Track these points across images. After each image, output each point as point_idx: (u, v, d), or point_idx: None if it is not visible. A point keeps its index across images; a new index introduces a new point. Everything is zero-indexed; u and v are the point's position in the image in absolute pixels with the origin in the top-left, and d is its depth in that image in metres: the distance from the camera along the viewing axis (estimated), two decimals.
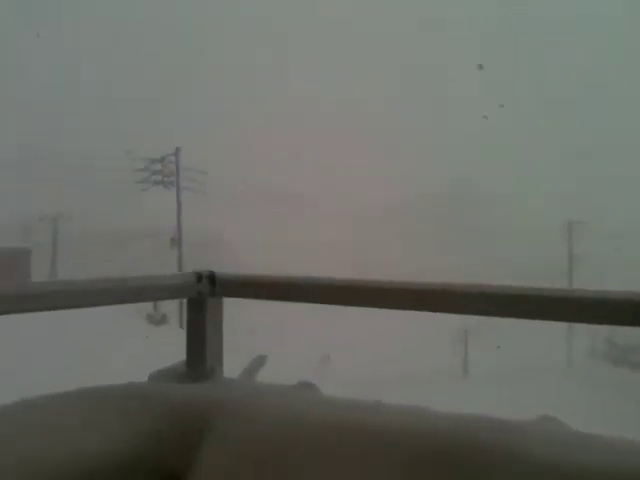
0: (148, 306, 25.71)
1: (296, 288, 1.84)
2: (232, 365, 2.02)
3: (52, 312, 1.63)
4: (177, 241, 31.71)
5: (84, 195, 38.80)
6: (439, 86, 62.79)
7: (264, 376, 2.10)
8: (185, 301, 1.92)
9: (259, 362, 2.07)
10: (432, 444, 1.40)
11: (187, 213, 32.22)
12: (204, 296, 1.89)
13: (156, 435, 1.60)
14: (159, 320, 27.08)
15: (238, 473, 1.49)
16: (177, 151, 33.47)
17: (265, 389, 1.81)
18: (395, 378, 15.97)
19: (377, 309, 1.80)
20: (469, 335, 21.69)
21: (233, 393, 1.75)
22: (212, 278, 1.90)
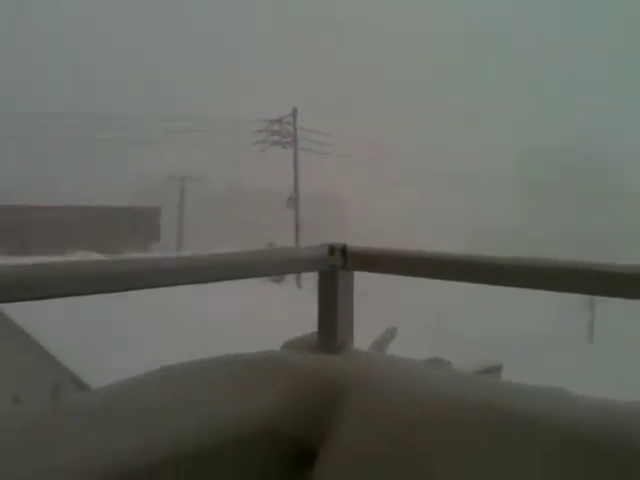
0: None
1: (430, 264, 1.80)
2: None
3: None
4: (294, 201, 32.30)
5: (208, 157, 40.27)
6: None
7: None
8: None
9: (390, 334, 2.06)
10: (580, 431, 1.34)
11: (305, 173, 32.65)
12: (336, 269, 1.89)
13: (290, 405, 1.64)
14: (278, 278, 27.79)
15: (372, 449, 1.50)
16: (294, 112, 33.87)
17: (397, 363, 1.80)
18: (519, 343, 15.57)
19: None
20: (595, 301, 20.72)
21: (366, 366, 1.75)
22: (344, 251, 1.90)
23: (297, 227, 31.37)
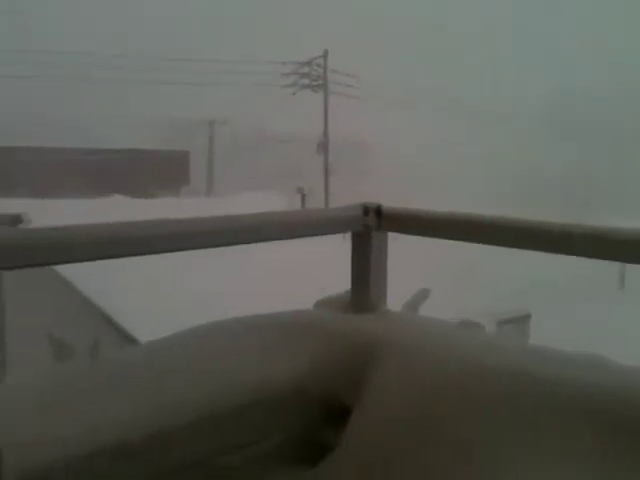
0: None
1: (466, 227, 1.76)
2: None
3: None
4: (323, 146, 32.00)
5: (237, 100, 39.88)
6: None
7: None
8: None
9: (422, 295, 2.06)
10: (618, 400, 1.33)
11: (335, 117, 32.19)
12: (370, 230, 1.88)
13: (322, 365, 1.66)
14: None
15: (402, 410, 1.52)
16: (325, 54, 33.16)
17: (430, 325, 1.81)
18: (553, 291, 15.49)
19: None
20: None
21: (398, 327, 1.76)
22: (378, 212, 1.88)
23: (326, 172, 31.18)
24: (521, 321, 10.27)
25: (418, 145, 41.50)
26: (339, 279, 2.06)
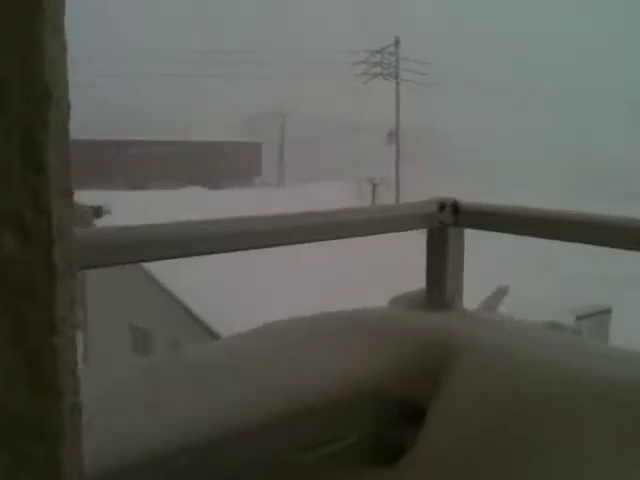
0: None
1: (546, 223, 1.70)
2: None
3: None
4: (395, 135, 31.68)
5: (309, 90, 40.07)
6: None
7: None
8: None
9: (500, 293, 2.00)
10: None
11: (408, 106, 31.79)
12: (446, 226, 1.83)
13: (399, 365, 1.63)
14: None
15: (483, 410, 1.48)
16: (396, 41, 32.75)
17: (510, 325, 1.75)
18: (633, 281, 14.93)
19: None
20: None
21: (476, 327, 1.71)
22: (455, 207, 1.83)
23: (398, 162, 30.89)
24: (601, 316, 9.89)
25: (493, 134, 40.50)
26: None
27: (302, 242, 1.61)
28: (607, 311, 10.10)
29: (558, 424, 1.36)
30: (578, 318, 8.89)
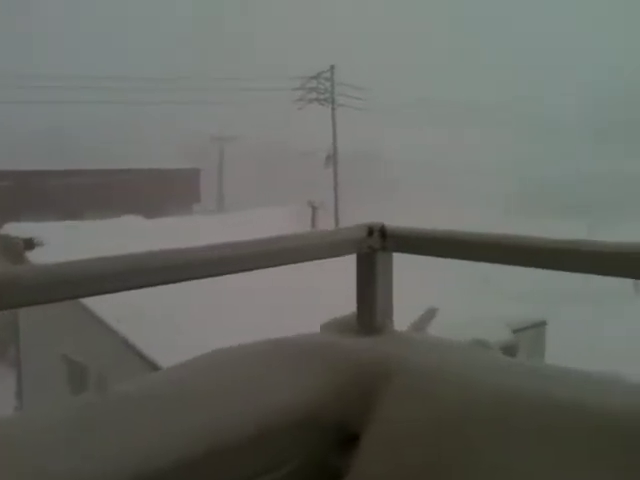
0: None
1: (474, 246, 1.74)
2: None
3: None
4: (332, 159, 32.03)
5: (247, 116, 40.13)
6: None
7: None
8: None
9: (429, 315, 2.03)
10: (622, 421, 1.30)
11: (345, 130, 32.23)
12: (375, 251, 1.86)
13: (333, 390, 1.64)
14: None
15: (414, 433, 1.50)
16: (332, 67, 33.30)
17: (439, 346, 1.78)
18: (568, 296, 15.50)
19: None
20: None
21: (407, 349, 1.74)
22: (383, 232, 1.86)
23: (336, 185, 31.20)
24: (537, 329, 10.22)
25: (429, 155, 41.47)
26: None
27: (230, 272, 1.61)
28: (542, 324, 10.45)
29: (493, 445, 1.37)
30: (515, 331, 9.14)
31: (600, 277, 1.64)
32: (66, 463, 1.26)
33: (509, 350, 7.94)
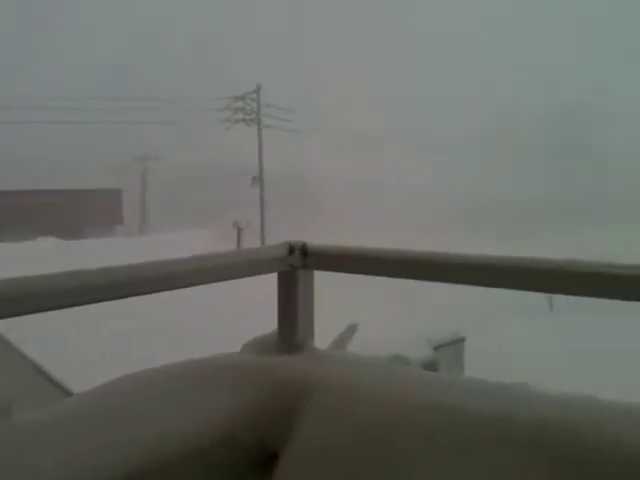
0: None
1: (395, 263, 1.78)
2: None
3: None
4: (258, 180, 32.04)
5: (173, 136, 39.63)
6: None
7: None
8: None
9: (349, 332, 2.05)
10: (534, 429, 1.35)
11: (272, 151, 32.34)
12: (295, 269, 1.87)
13: (251, 410, 1.63)
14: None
15: (334, 449, 1.50)
16: (258, 88, 33.45)
17: (359, 362, 1.80)
18: (487, 311, 16.06)
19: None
20: None
21: (327, 366, 1.75)
22: (304, 250, 1.87)
23: (262, 206, 31.19)
24: (456, 345, 10.54)
25: (356, 178, 42.16)
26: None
27: (147, 293, 1.57)
28: (461, 340, 10.78)
29: (413, 460, 1.40)
30: (435, 348, 9.37)
31: (518, 293, 1.70)
32: None
33: (430, 366, 8.12)
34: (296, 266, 1.87)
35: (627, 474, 1.23)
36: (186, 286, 1.67)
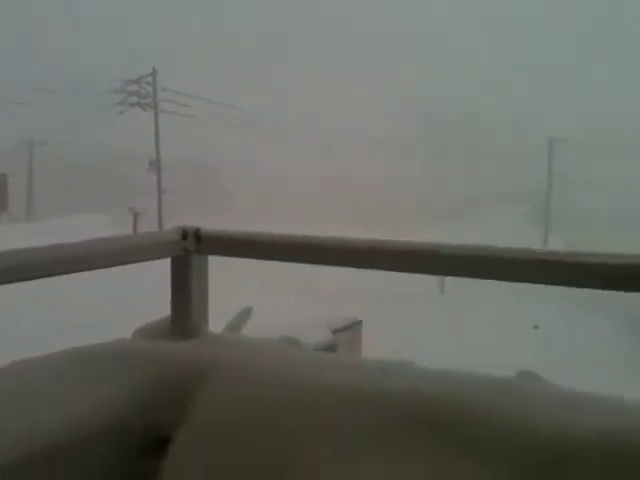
0: None
1: (287, 247, 1.81)
2: None
3: None
4: (156, 165, 31.15)
5: (65, 119, 37.72)
6: None
7: None
8: None
9: (244, 315, 2.08)
10: (414, 404, 1.43)
11: (168, 136, 31.50)
12: (189, 254, 1.87)
13: (143, 395, 1.62)
14: None
15: (228, 432, 1.52)
16: (154, 72, 32.41)
17: (251, 345, 1.82)
18: (382, 294, 16.58)
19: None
20: None
21: (221, 350, 1.76)
22: (198, 235, 1.87)
23: (160, 192, 30.38)
24: (353, 328, 10.82)
25: (255, 166, 41.96)
26: None
27: (33, 278, 1.52)
28: (358, 323, 11.07)
29: (303, 439, 1.43)
30: (334, 332, 9.56)
31: (413, 276, 1.78)
32: None
33: (329, 349, 8.29)
34: (189, 251, 1.87)
35: (497, 442, 1.32)
36: (74, 271, 1.64)
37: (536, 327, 15.13)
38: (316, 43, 58.76)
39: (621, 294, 1.48)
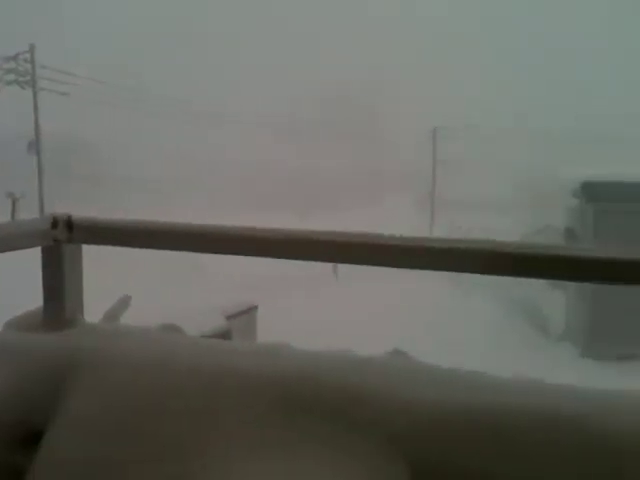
0: None
1: (163, 235, 1.80)
2: None
3: None
4: (35, 146, 29.39)
5: None
6: None
7: None
8: None
9: (123, 303, 2.05)
10: (283, 384, 1.47)
11: (49, 115, 29.78)
12: (60, 244, 1.81)
13: (13, 388, 1.57)
14: None
15: (99, 423, 1.51)
16: (31, 48, 30.46)
17: (127, 333, 1.80)
18: (276, 279, 16.71)
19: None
20: None
21: (94, 340, 1.73)
22: (69, 223, 1.81)
23: (40, 174, 28.72)
24: (249, 313, 10.80)
25: (139, 146, 40.68)
26: None
27: None
28: (254, 309, 11.06)
29: (179, 424, 1.43)
30: (228, 318, 9.50)
31: (307, 264, 1.78)
32: None
33: (224, 336, 8.23)
34: (61, 240, 1.81)
35: (368, 418, 1.39)
36: None
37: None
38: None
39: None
